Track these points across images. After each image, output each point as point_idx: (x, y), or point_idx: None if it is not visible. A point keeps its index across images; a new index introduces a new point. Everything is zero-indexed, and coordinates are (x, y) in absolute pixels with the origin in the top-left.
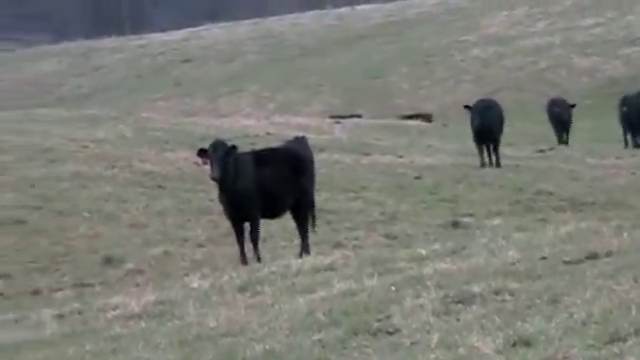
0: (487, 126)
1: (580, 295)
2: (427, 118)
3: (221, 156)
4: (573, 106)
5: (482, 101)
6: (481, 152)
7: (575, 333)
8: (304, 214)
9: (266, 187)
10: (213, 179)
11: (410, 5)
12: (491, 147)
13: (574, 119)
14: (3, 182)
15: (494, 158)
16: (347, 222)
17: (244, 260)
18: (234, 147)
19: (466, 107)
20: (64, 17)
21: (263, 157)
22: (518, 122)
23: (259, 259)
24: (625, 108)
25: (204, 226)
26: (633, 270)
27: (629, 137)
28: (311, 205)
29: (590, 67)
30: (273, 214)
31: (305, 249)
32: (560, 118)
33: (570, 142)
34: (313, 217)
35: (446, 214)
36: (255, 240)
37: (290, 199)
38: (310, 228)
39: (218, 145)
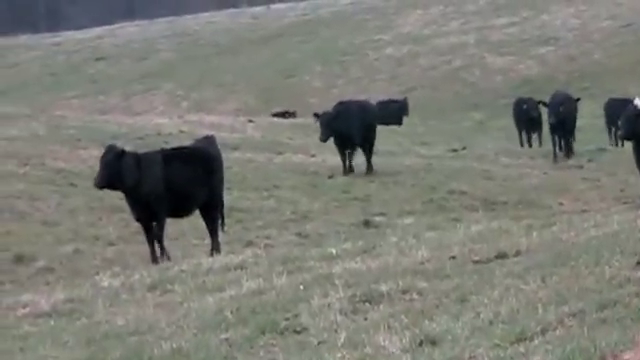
0: (344, 133)
1: (488, 294)
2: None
3: (107, 162)
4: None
5: (341, 104)
6: (343, 158)
7: (482, 332)
8: (213, 213)
9: (174, 186)
10: (94, 186)
11: (324, 4)
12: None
13: (491, 118)
14: None
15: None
16: (259, 221)
17: (155, 259)
18: (124, 152)
19: (315, 115)
20: None
21: (171, 156)
22: (432, 121)
23: (168, 257)
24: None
25: (115, 224)
26: (541, 270)
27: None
28: (220, 204)
29: (504, 66)
30: (182, 213)
31: (216, 248)
32: (531, 118)
33: (483, 141)
34: (222, 216)
35: (358, 213)
36: (159, 239)
37: (199, 198)
38: (220, 227)
39: (107, 150)
